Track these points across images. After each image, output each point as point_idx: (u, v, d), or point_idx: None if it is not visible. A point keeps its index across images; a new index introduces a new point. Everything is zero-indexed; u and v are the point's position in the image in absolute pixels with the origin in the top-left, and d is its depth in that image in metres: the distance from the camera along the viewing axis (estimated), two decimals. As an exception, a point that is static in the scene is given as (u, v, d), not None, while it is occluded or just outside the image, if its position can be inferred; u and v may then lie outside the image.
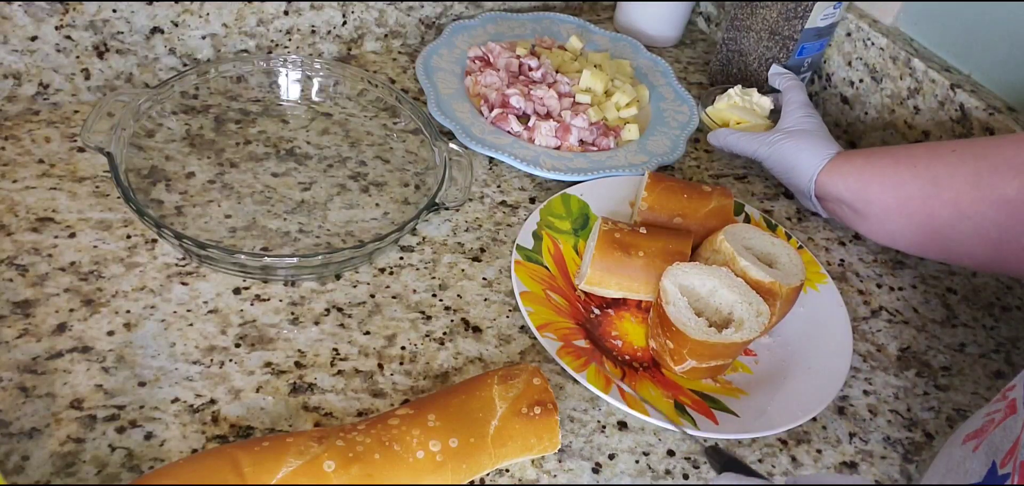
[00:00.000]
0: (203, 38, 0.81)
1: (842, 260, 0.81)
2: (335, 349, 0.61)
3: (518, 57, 0.90)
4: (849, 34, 0.94)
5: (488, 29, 0.96)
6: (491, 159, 0.81)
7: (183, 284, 0.63)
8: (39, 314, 0.59)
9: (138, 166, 0.70)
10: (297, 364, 0.60)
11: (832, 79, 0.98)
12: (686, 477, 0.59)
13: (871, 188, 0.72)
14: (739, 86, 0.90)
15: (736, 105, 0.88)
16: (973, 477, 0.51)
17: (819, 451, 0.62)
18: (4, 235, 0.63)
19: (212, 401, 0.56)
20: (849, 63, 0.95)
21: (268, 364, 0.59)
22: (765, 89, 0.95)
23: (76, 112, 0.75)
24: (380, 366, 0.61)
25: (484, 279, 0.69)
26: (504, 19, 0.98)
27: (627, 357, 0.66)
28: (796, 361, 0.67)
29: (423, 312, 0.65)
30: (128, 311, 0.60)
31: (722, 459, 0.54)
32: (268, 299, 0.64)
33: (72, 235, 0.64)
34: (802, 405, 0.63)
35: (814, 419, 0.64)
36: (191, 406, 0.56)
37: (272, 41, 0.86)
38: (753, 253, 0.67)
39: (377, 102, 0.82)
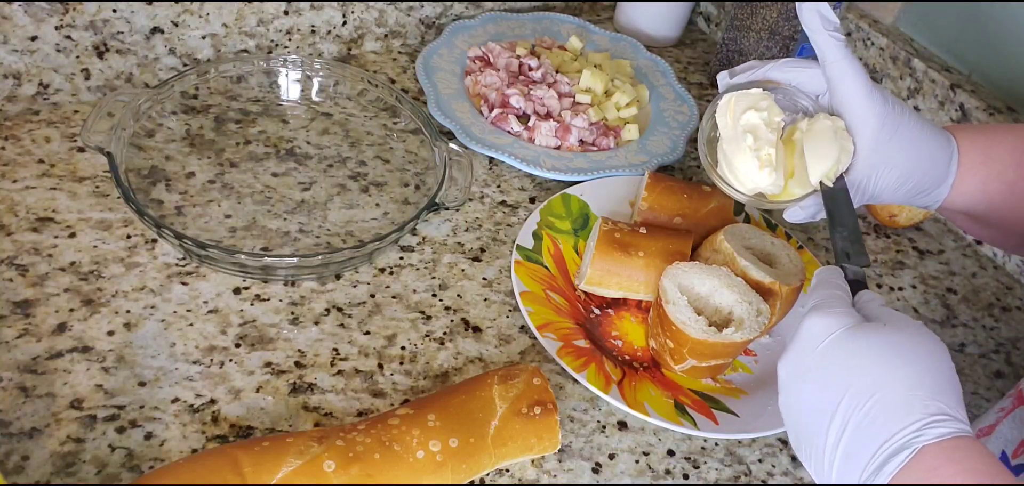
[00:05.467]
0: (203, 38, 0.81)
1: (842, 260, 0.81)
2: (335, 349, 0.61)
3: (518, 57, 0.90)
4: (849, 34, 0.94)
5: (488, 29, 0.96)
6: (491, 159, 0.81)
7: (183, 284, 0.63)
8: (39, 314, 0.59)
9: (138, 166, 0.70)
10: (297, 364, 0.60)
11: (832, 79, 0.98)
12: (686, 477, 0.59)
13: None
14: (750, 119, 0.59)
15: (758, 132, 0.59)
16: None
17: (819, 451, 0.62)
18: (4, 235, 0.63)
19: (212, 401, 0.56)
20: (849, 63, 0.95)
21: (268, 364, 0.59)
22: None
23: (76, 112, 0.75)
24: (380, 366, 0.61)
25: (484, 279, 0.69)
26: (504, 19, 0.98)
27: (627, 357, 0.66)
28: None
29: (423, 312, 0.65)
30: (128, 311, 0.60)
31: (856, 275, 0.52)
32: (268, 299, 0.64)
33: (72, 235, 0.64)
34: (802, 405, 0.63)
35: (814, 419, 0.64)
36: (191, 406, 0.56)
37: (272, 41, 0.86)
38: (753, 253, 0.67)
39: (377, 102, 0.82)
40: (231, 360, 0.59)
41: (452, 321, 0.65)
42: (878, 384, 0.42)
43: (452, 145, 0.74)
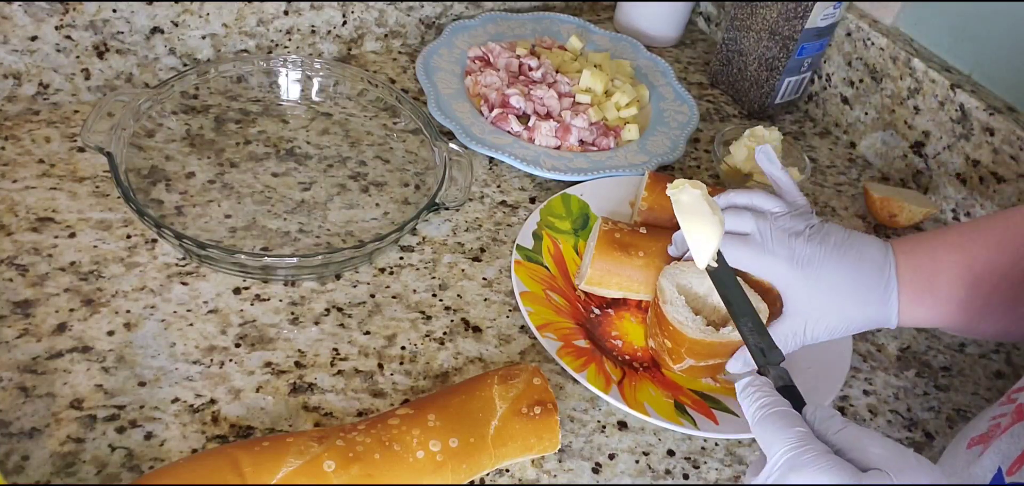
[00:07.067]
0: (203, 38, 0.81)
1: (842, 260, 0.81)
2: (335, 349, 0.61)
3: (518, 57, 0.90)
4: (849, 34, 0.94)
5: (488, 29, 0.96)
6: (491, 159, 0.81)
7: (183, 284, 0.63)
8: (39, 314, 0.59)
9: (138, 166, 0.70)
10: (297, 364, 0.60)
11: (832, 79, 0.98)
12: (686, 477, 0.59)
13: (959, 314, 0.59)
14: (748, 131, 0.82)
15: (752, 149, 0.79)
16: (978, 482, 0.50)
17: (819, 451, 0.62)
18: (4, 235, 0.63)
19: (212, 401, 0.56)
20: (849, 63, 0.95)
21: (268, 364, 0.59)
22: (767, 114, 0.95)
23: (76, 112, 0.75)
24: (380, 366, 0.61)
25: (484, 279, 0.69)
26: (504, 19, 0.98)
27: (627, 357, 0.66)
28: (795, 361, 0.67)
29: (423, 312, 0.65)
30: (128, 311, 0.60)
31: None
32: (268, 299, 0.64)
33: (72, 235, 0.64)
34: (802, 405, 0.63)
35: (814, 419, 0.64)
36: (191, 406, 0.56)
37: (272, 41, 0.86)
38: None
39: (377, 102, 0.82)
40: (231, 360, 0.59)
41: (452, 321, 0.65)
42: None
43: (452, 145, 0.74)
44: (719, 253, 0.59)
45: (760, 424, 0.45)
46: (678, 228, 0.72)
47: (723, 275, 0.58)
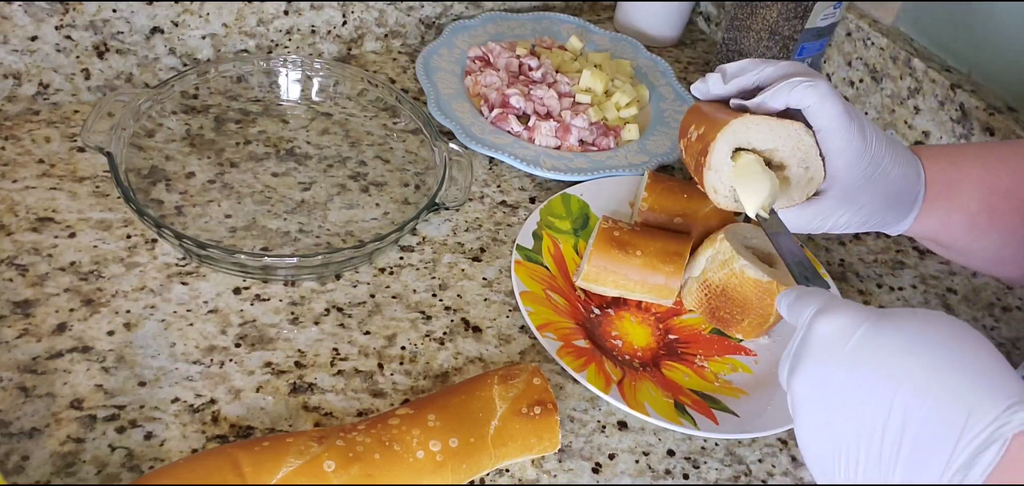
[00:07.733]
0: (203, 38, 0.81)
1: (842, 260, 0.81)
2: (335, 349, 0.61)
3: (518, 57, 0.90)
4: (849, 34, 0.94)
5: (488, 29, 0.96)
6: (491, 159, 0.81)
7: (183, 284, 0.63)
8: (39, 314, 0.59)
9: (138, 166, 0.70)
10: (297, 364, 0.60)
11: (832, 79, 0.98)
12: (686, 477, 0.59)
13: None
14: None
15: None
16: None
17: (819, 451, 0.62)
18: (4, 235, 0.63)
19: (212, 401, 0.56)
20: (849, 63, 0.95)
21: (268, 364, 0.59)
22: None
23: (76, 112, 0.75)
24: (380, 366, 0.61)
25: (484, 279, 0.69)
26: (504, 19, 0.98)
27: (627, 357, 0.66)
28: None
29: (423, 312, 0.65)
30: (128, 311, 0.60)
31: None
32: (268, 299, 0.64)
33: (72, 235, 0.64)
34: (802, 405, 0.62)
35: (814, 419, 0.64)
36: (191, 406, 0.56)
37: (272, 41, 0.86)
38: (753, 252, 0.67)
39: (377, 102, 0.82)
40: (231, 360, 0.59)
41: (452, 321, 0.65)
42: (934, 375, 0.36)
43: (452, 145, 0.74)
44: (772, 210, 0.59)
45: (794, 304, 0.45)
46: (677, 228, 0.72)
47: (773, 223, 0.58)
